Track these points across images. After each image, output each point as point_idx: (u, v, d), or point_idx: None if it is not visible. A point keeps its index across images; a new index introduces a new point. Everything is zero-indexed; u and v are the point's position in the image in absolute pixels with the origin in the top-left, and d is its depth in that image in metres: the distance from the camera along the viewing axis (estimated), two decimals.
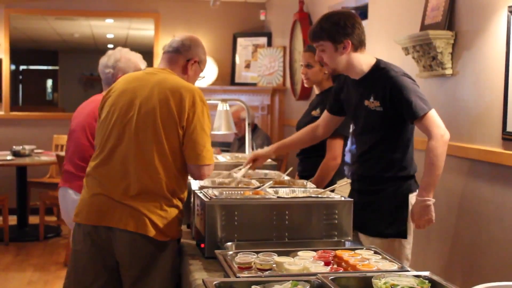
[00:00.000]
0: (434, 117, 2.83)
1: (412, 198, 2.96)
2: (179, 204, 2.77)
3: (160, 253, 2.70)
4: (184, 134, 2.70)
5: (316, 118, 3.72)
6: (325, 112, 3.40)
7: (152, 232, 2.65)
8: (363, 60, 2.97)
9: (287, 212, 2.53)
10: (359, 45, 2.95)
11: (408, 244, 2.99)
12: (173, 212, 2.72)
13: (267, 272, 2.06)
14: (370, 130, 3.01)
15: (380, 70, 2.94)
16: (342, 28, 2.90)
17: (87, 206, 2.77)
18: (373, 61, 2.98)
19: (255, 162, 3.40)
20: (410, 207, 2.95)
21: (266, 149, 3.47)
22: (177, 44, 2.93)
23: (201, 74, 3.03)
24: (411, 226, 2.98)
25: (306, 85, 3.91)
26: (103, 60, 3.76)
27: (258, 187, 2.85)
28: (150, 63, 8.14)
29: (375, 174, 3.01)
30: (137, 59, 3.78)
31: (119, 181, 2.70)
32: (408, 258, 2.99)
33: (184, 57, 2.92)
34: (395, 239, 2.96)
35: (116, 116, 2.77)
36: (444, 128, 2.83)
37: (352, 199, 2.61)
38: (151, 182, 2.67)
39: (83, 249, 2.77)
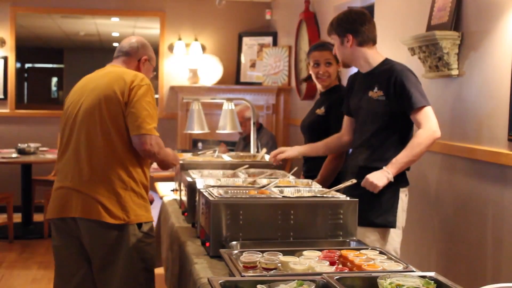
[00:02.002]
0: (429, 113, 2.97)
1: (402, 192, 3.08)
2: (136, 187, 2.88)
3: (120, 237, 2.83)
4: (126, 110, 2.85)
5: (321, 116, 3.72)
6: (345, 118, 3.43)
7: (105, 217, 2.79)
8: (371, 56, 3.17)
9: (292, 212, 2.52)
10: (364, 41, 3.15)
11: (397, 237, 3.08)
12: (128, 195, 2.84)
13: (272, 272, 2.06)
14: (370, 121, 3.13)
15: (386, 64, 3.13)
16: (345, 23, 3.15)
17: (51, 201, 2.96)
18: (382, 59, 3.17)
19: (280, 155, 3.51)
20: (399, 202, 3.06)
21: (294, 147, 3.57)
22: (126, 48, 3.14)
23: (153, 71, 3.27)
24: (401, 220, 3.08)
25: (324, 84, 3.77)
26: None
27: (263, 186, 2.85)
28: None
29: (369, 165, 3.09)
30: None
31: (73, 169, 2.88)
32: (396, 251, 3.08)
33: (136, 58, 3.14)
34: (385, 230, 3.05)
35: (69, 111, 2.99)
36: (437, 126, 2.96)
37: (357, 199, 2.61)
38: (100, 164, 2.83)
39: (59, 243, 2.94)
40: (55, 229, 2.96)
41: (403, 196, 3.10)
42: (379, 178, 2.92)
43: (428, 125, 2.93)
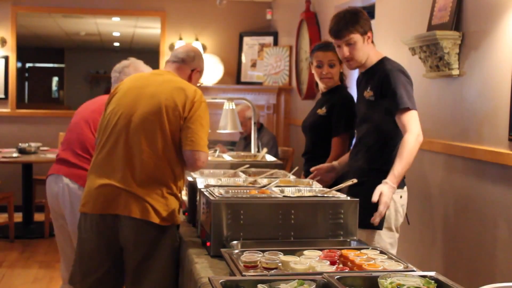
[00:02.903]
0: (414, 116, 2.93)
1: (396, 194, 3.00)
2: (177, 192, 2.99)
3: (161, 237, 2.94)
4: (183, 123, 2.93)
5: (322, 116, 3.72)
6: None
7: (154, 218, 2.89)
8: (374, 53, 3.14)
9: (293, 211, 2.53)
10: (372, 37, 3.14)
11: (388, 238, 3.03)
12: (173, 199, 2.95)
13: (273, 271, 2.06)
14: (363, 121, 3.12)
15: (380, 64, 3.09)
16: (366, 20, 3.08)
17: (93, 197, 2.98)
18: (380, 56, 3.13)
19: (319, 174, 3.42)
20: (391, 203, 2.95)
21: (327, 163, 3.47)
22: (182, 55, 3.19)
23: (200, 81, 3.31)
24: (394, 221, 3.04)
25: (327, 85, 3.78)
26: (115, 66, 4.02)
27: (264, 186, 2.85)
28: (156, 61, 8.15)
29: (361, 166, 3.08)
30: (145, 69, 3.92)
31: (123, 169, 2.92)
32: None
33: (189, 67, 3.19)
34: (372, 230, 3.00)
35: (122, 111, 2.99)
36: (420, 130, 2.91)
37: (357, 199, 2.61)
38: (156, 170, 2.91)
39: (90, 237, 3.00)
40: (89, 223, 2.99)
41: (397, 198, 3.04)
42: (389, 196, 2.82)
43: (414, 129, 2.88)
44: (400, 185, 3.05)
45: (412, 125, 2.88)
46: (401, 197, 3.08)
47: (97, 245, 2.99)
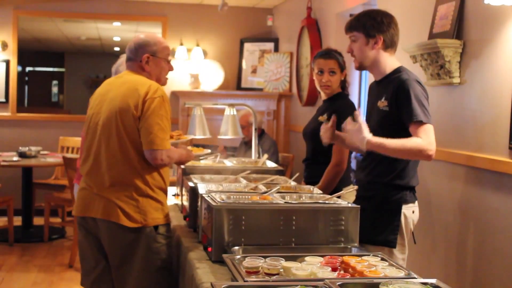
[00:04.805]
0: (429, 130, 2.78)
1: (406, 209, 2.94)
2: (153, 193, 3.02)
3: (135, 239, 3.00)
4: (139, 123, 2.96)
5: (323, 123, 3.73)
6: None
7: (123, 220, 2.95)
8: (389, 62, 2.99)
9: (294, 217, 2.54)
10: (390, 45, 2.98)
11: (400, 254, 2.95)
12: (146, 200, 3.00)
13: (274, 277, 2.07)
14: (375, 132, 2.97)
15: (396, 73, 2.95)
16: (378, 24, 2.95)
17: (76, 200, 3.17)
18: (396, 66, 2.99)
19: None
20: (402, 218, 2.93)
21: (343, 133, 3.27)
22: (127, 54, 3.18)
23: (169, 58, 3.20)
24: (405, 237, 2.95)
25: (326, 92, 3.80)
26: (111, 69, 4.10)
27: (265, 192, 2.86)
28: None
29: (372, 179, 2.99)
30: None
31: (95, 175, 3.05)
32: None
33: (137, 61, 3.13)
34: (384, 248, 2.90)
35: (91, 119, 3.12)
36: (434, 146, 2.77)
37: (359, 206, 2.61)
38: (118, 174, 2.98)
39: (82, 238, 3.14)
40: (78, 225, 3.18)
41: (410, 213, 2.96)
42: (356, 140, 2.78)
43: (429, 142, 2.74)
44: (412, 199, 2.97)
45: (428, 138, 2.75)
46: (413, 212, 2.98)
47: (88, 245, 3.12)
